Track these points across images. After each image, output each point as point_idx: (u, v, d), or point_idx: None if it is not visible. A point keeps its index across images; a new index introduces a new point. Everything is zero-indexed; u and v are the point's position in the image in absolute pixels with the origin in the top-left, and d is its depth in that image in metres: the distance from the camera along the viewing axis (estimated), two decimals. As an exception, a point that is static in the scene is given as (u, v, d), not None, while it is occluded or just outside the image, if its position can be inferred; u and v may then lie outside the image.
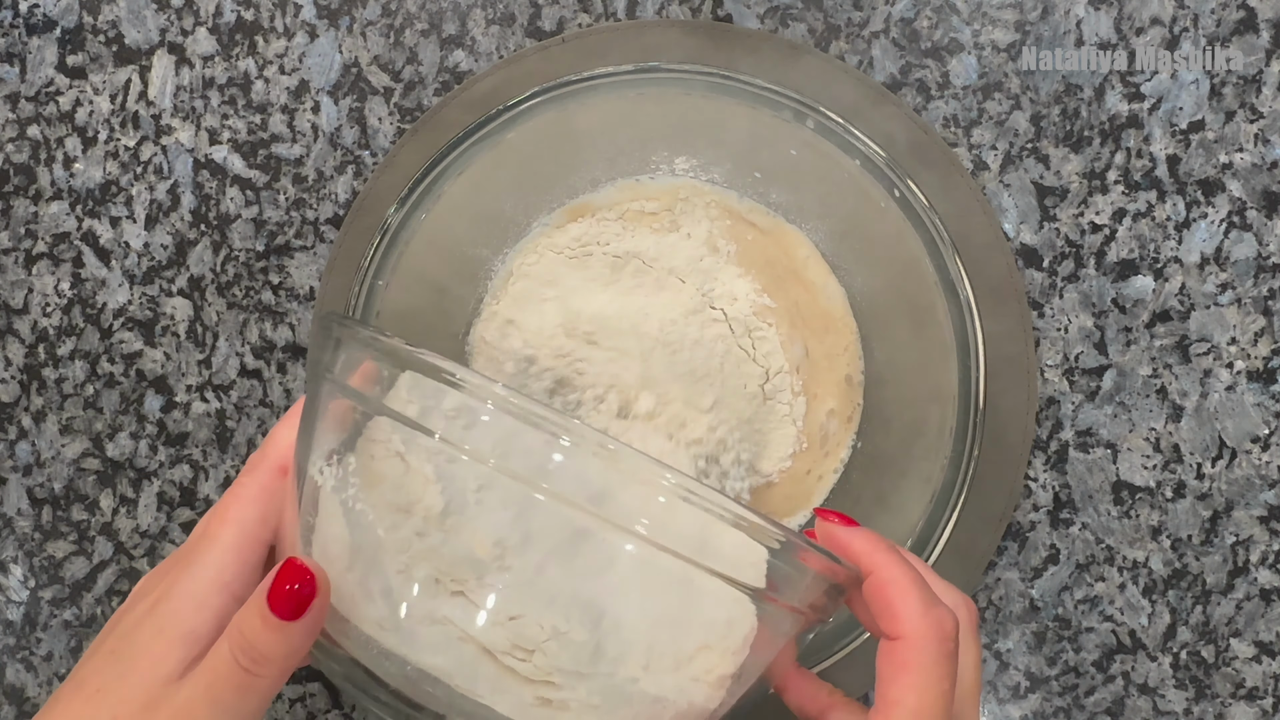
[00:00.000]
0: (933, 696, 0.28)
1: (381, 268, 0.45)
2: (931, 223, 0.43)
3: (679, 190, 0.49)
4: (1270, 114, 0.48)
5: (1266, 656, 0.49)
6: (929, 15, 0.49)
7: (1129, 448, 0.49)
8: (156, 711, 0.29)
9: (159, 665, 0.29)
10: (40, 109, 0.53)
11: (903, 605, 0.29)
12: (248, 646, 0.29)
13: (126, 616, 0.32)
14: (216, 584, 0.31)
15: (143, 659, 0.30)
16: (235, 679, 0.29)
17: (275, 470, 0.33)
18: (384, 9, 0.51)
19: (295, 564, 0.29)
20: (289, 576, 0.28)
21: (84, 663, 0.31)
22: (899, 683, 0.28)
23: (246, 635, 0.29)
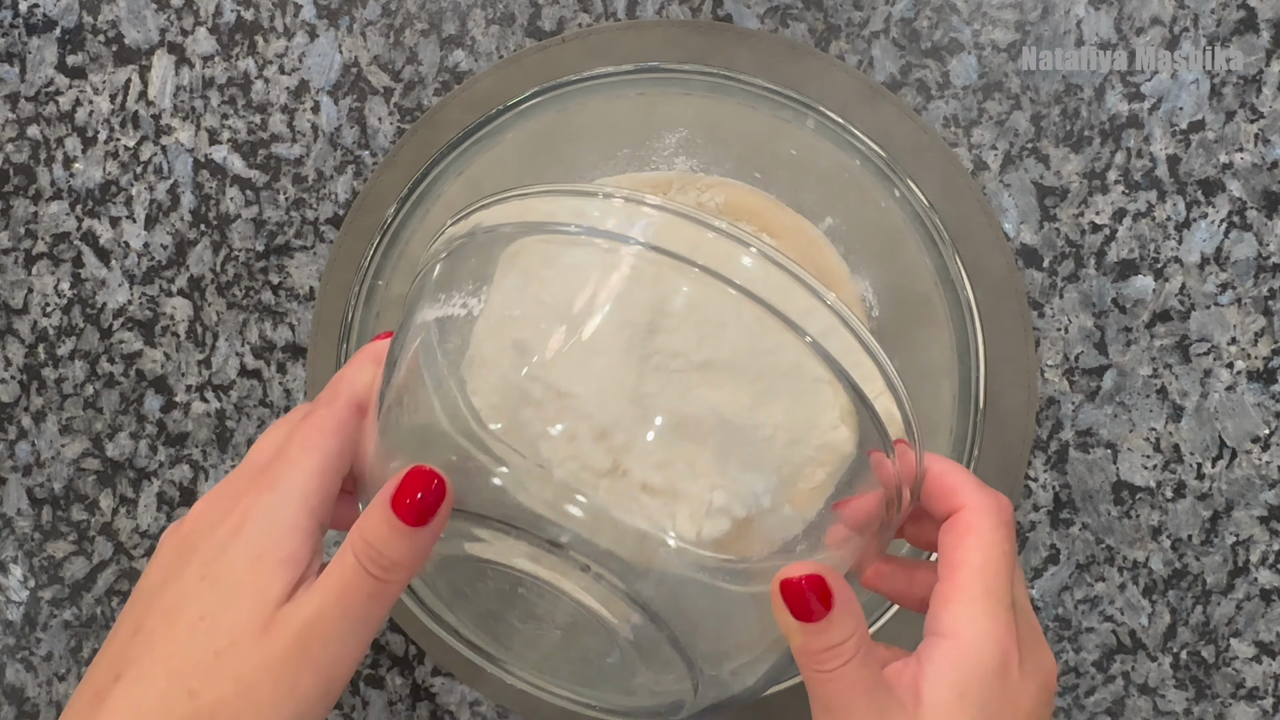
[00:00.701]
0: (997, 555, 0.29)
1: (381, 268, 0.45)
2: (931, 223, 0.43)
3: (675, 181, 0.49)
4: (1270, 114, 0.48)
5: (1266, 656, 0.49)
6: (929, 15, 0.49)
7: (1129, 448, 0.49)
8: (279, 631, 0.28)
9: (267, 589, 0.29)
10: (40, 109, 0.53)
11: (962, 485, 0.30)
12: (376, 555, 0.29)
13: (206, 541, 0.30)
14: (305, 508, 0.30)
15: (248, 584, 0.29)
16: (366, 587, 0.29)
17: (352, 407, 0.33)
18: (384, 9, 0.51)
19: (422, 470, 0.29)
20: (416, 484, 0.28)
21: (161, 593, 0.30)
22: (964, 544, 0.29)
23: (374, 544, 0.29)
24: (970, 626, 0.29)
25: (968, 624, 0.29)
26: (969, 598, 0.29)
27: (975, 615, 0.29)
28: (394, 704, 0.53)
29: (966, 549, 0.30)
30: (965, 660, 0.29)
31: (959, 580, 0.30)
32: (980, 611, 0.29)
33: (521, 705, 0.51)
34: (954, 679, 0.29)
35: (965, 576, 0.30)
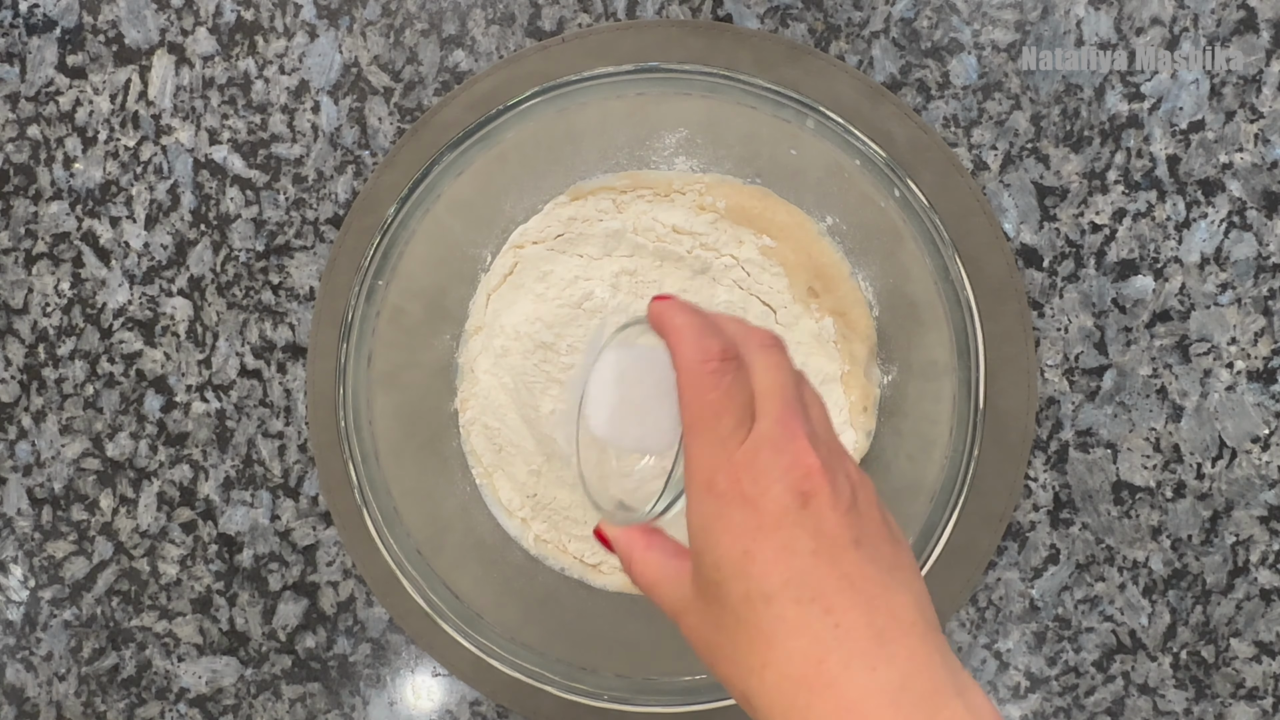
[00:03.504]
0: (696, 409, 0.32)
1: (381, 268, 0.45)
2: (931, 223, 0.43)
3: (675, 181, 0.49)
4: (1270, 114, 0.48)
5: (1266, 656, 0.49)
6: (929, 15, 0.49)
7: (1129, 448, 0.49)
8: None
9: None
10: (40, 109, 0.53)
11: (675, 343, 0.33)
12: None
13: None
14: None
15: None
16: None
17: None
18: (384, 9, 0.51)
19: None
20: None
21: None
22: (680, 408, 0.32)
23: None
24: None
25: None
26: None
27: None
28: (394, 704, 0.53)
29: (682, 412, 0.33)
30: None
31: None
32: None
33: (521, 705, 0.51)
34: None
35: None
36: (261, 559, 0.53)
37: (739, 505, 0.31)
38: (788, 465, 0.31)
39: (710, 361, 0.32)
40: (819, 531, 0.30)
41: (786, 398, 0.32)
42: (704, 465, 0.32)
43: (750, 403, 0.32)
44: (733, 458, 0.31)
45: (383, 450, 0.46)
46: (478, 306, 0.50)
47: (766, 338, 0.34)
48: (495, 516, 0.50)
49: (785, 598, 0.30)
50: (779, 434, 0.31)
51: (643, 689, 0.44)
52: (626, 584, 0.50)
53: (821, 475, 0.31)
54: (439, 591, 0.45)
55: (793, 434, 0.31)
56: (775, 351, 0.34)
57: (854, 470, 0.33)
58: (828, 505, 0.30)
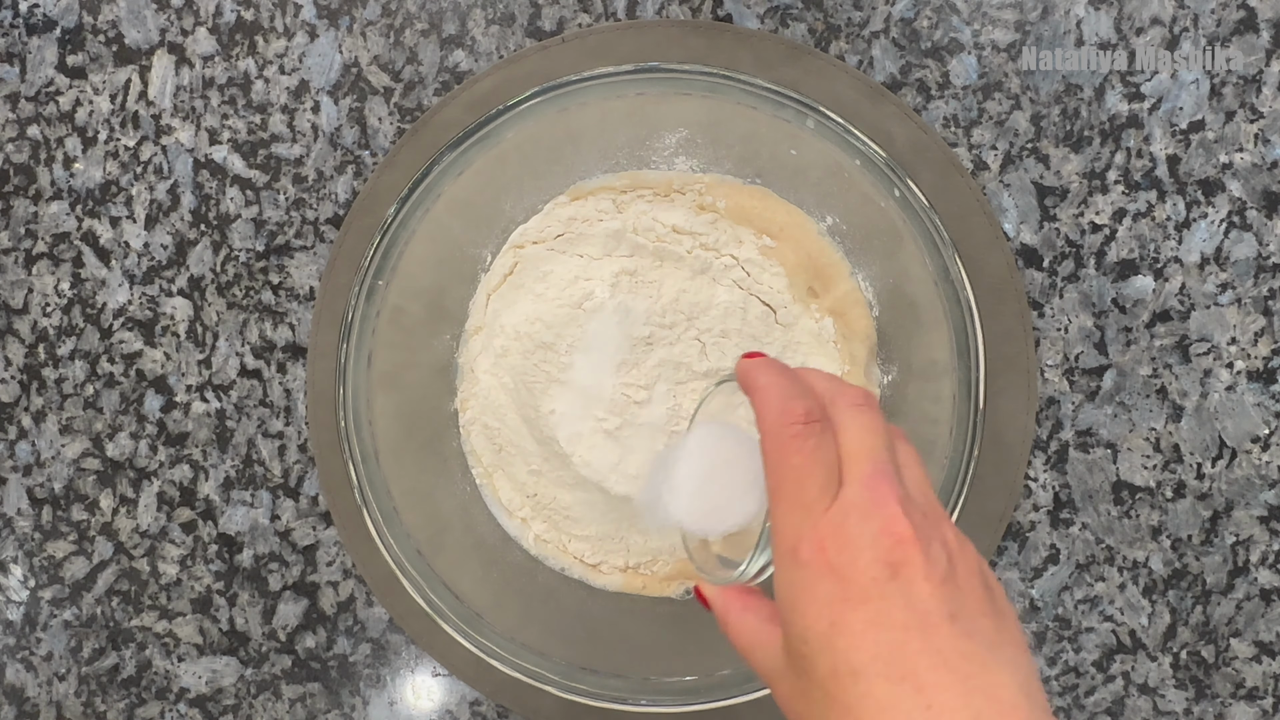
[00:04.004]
0: (779, 473, 0.31)
1: (381, 268, 0.45)
2: (931, 223, 0.43)
3: (675, 181, 0.49)
4: (1270, 114, 0.48)
5: (1266, 656, 0.49)
6: (929, 15, 0.49)
7: (1129, 448, 0.49)
8: None
9: None
10: (40, 109, 0.53)
11: (760, 403, 0.32)
12: None
13: None
14: None
15: None
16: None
17: None
18: (384, 9, 0.51)
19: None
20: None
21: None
22: (765, 472, 0.32)
23: None
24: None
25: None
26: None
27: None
28: (394, 704, 0.53)
29: (767, 476, 0.32)
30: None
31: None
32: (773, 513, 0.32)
33: (521, 705, 0.51)
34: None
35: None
36: (261, 559, 0.53)
37: (825, 575, 0.29)
38: (876, 532, 0.29)
39: (794, 424, 0.31)
40: (910, 604, 0.28)
41: (876, 460, 0.31)
42: (788, 532, 0.30)
43: (837, 466, 0.31)
44: (818, 525, 0.30)
45: (383, 450, 0.46)
46: (478, 306, 0.50)
47: (857, 396, 0.33)
48: (495, 516, 0.50)
49: (873, 674, 0.28)
50: (867, 499, 0.30)
51: (643, 689, 0.44)
52: (626, 584, 0.50)
53: (913, 543, 0.29)
54: (439, 591, 0.45)
55: (882, 499, 0.30)
56: (865, 411, 0.32)
57: (953, 537, 0.31)
58: (920, 575, 0.29)
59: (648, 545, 0.49)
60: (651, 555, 0.49)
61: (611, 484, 0.47)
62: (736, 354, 0.47)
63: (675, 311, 0.47)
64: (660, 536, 0.49)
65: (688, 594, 0.49)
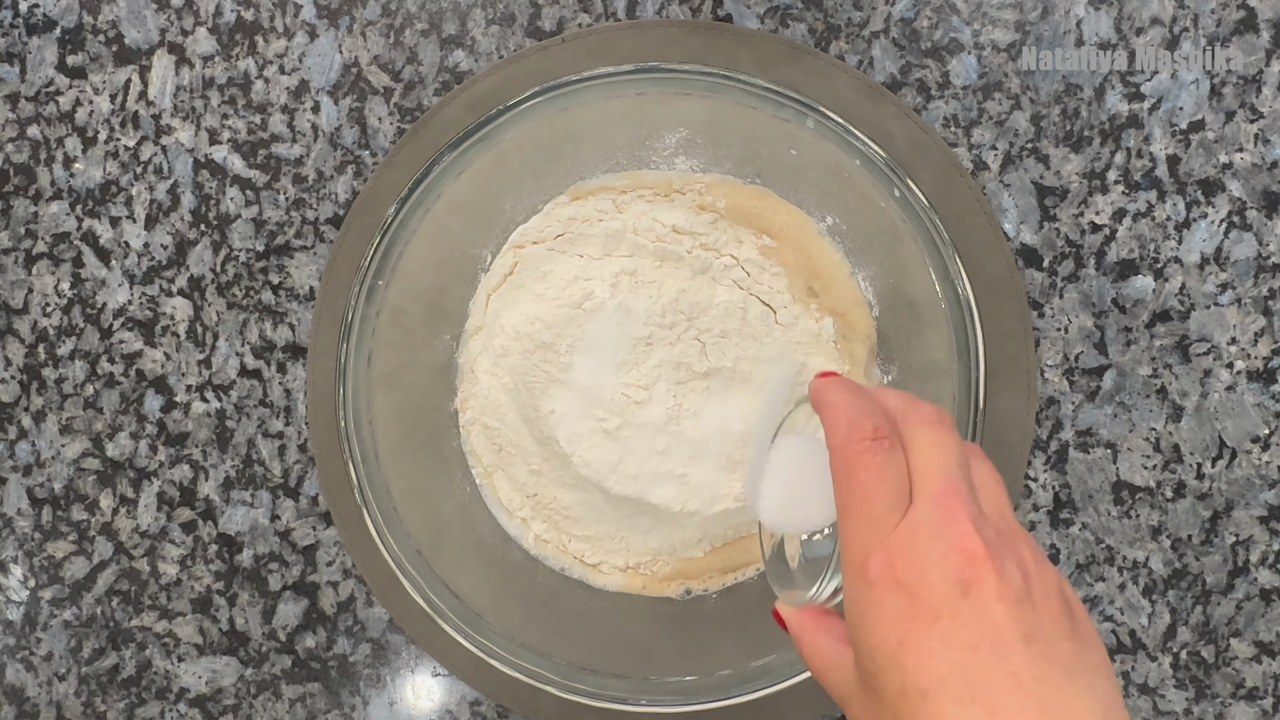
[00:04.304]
0: (848, 490, 0.31)
1: (381, 268, 0.45)
2: (931, 223, 0.43)
3: (675, 181, 0.49)
4: (1270, 114, 0.48)
5: (1266, 656, 0.49)
6: (929, 15, 0.49)
7: (1129, 448, 0.49)
8: None
9: None
10: (40, 109, 0.53)
11: (829, 421, 0.32)
12: None
13: None
14: None
15: None
16: None
17: None
18: (384, 9, 0.51)
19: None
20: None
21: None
22: (834, 488, 0.32)
23: None
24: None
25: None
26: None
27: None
28: (394, 704, 0.53)
29: (836, 494, 0.32)
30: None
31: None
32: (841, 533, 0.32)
33: (521, 705, 0.51)
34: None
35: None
36: (261, 559, 0.53)
37: (893, 592, 0.29)
38: (946, 550, 0.28)
39: (863, 440, 0.31)
40: (982, 624, 0.28)
41: (948, 476, 0.30)
42: (857, 549, 0.30)
43: (908, 484, 0.30)
44: (886, 541, 0.29)
45: (383, 450, 0.46)
46: (478, 306, 0.50)
47: (929, 413, 0.32)
48: (495, 516, 0.50)
49: (943, 696, 0.27)
50: (937, 516, 0.29)
51: (643, 689, 0.44)
52: (627, 584, 0.50)
53: (986, 561, 0.28)
54: (439, 591, 0.45)
55: (952, 516, 0.29)
56: (938, 428, 0.32)
57: (1031, 556, 0.30)
58: (993, 595, 0.28)
59: (647, 545, 0.49)
60: (651, 555, 0.49)
61: (611, 484, 0.47)
62: (736, 354, 0.47)
63: (675, 311, 0.47)
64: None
65: (688, 594, 0.49)
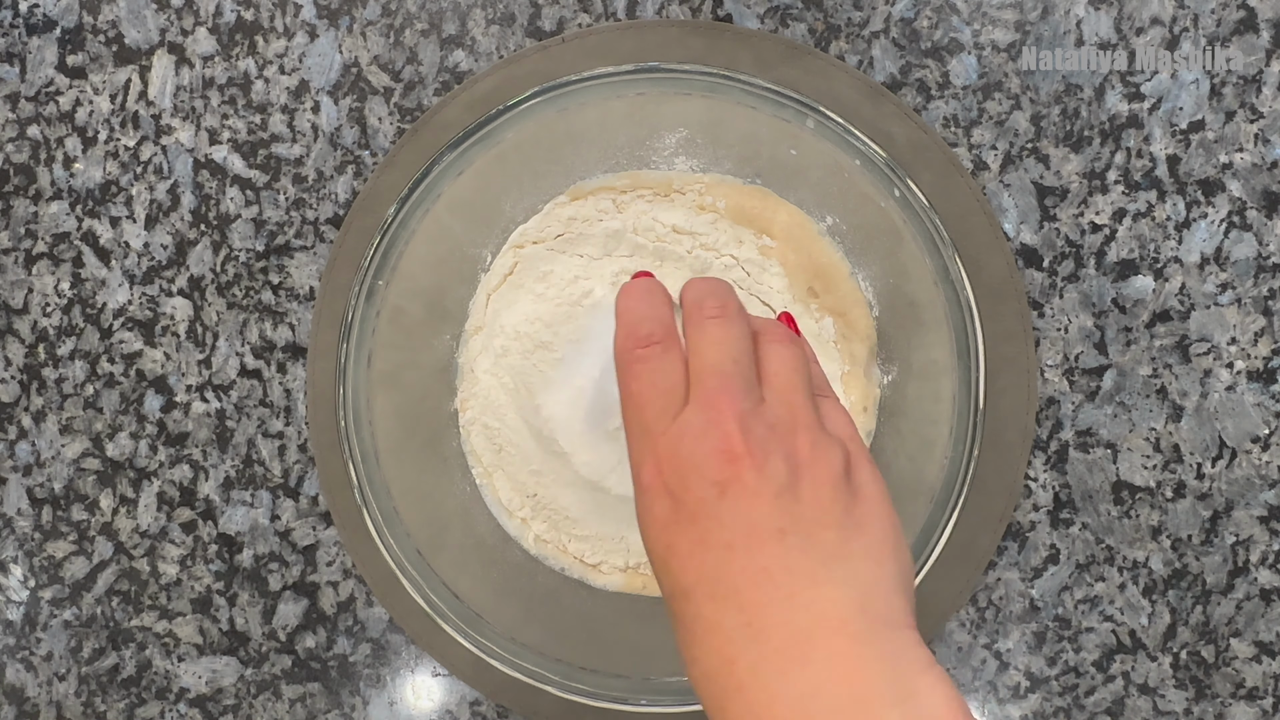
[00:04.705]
0: (624, 399, 0.31)
1: (381, 268, 0.45)
2: (931, 223, 0.43)
3: (675, 181, 0.49)
4: (1270, 114, 0.48)
5: (1266, 656, 0.49)
6: (929, 15, 0.49)
7: (1129, 448, 0.49)
8: None
9: None
10: (40, 109, 0.53)
11: (615, 330, 0.33)
12: None
13: None
14: None
15: None
16: None
17: None
18: (384, 9, 0.51)
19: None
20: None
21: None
22: None
23: None
24: None
25: None
26: None
27: None
28: (394, 704, 0.53)
29: None
30: None
31: None
32: None
33: (521, 705, 0.51)
34: None
35: None
36: (261, 559, 0.53)
37: (662, 498, 0.29)
38: (708, 452, 0.28)
39: (634, 349, 0.30)
40: (737, 522, 0.28)
41: (721, 375, 0.30)
42: (634, 457, 0.30)
43: (681, 388, 0.30)
44: (656, 448, 0.29)
45: (383, 450, 0.46)
46: (478, 306, 0.50)
47: (711, 308, 0.32)
48: (495, 516, 0.50)
49: (700, 594, 0.28)
50: (703, 418, 0.29)
51: (643, 689, 0.44)
52: (627, 584, 0.50)
53: (744, 459, 0.28)
54: (439, 591, 0.45)
55: (718, 417, 0.29)
56: (717, 324, 0.31)
57: (808, 446, 0.29)
58: (749, 492, 0.28)
59: (648, 545, 0.49)
60: (651, 555, 0.49)
61: (611, 484, 0.47)
62: None
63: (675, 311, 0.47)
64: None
65: None
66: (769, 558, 0.27)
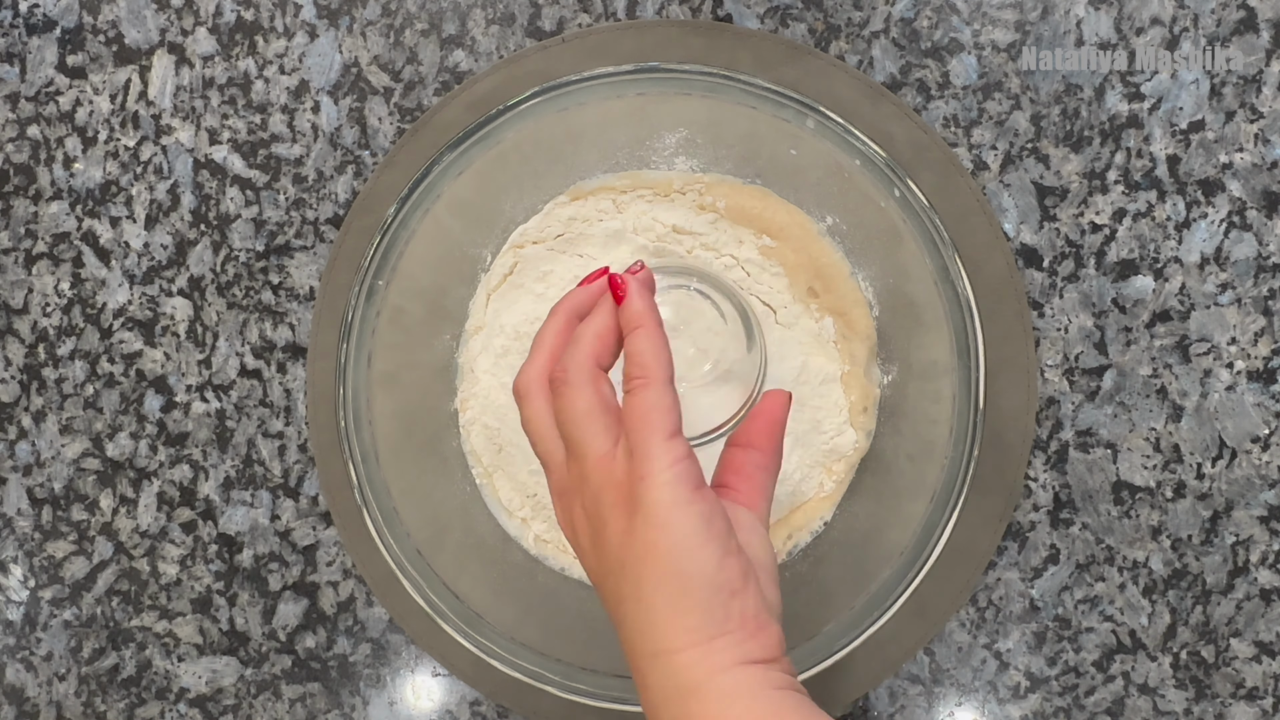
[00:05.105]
0: None
1: (381, 268, 0.45)
2: (931, 223, 0.43)
3: (675, 181, 0.49)
4: (1270, 114, 0.48)
5: (1266, 656, 0.49)
6: (929, 15, 0.49)
7: (1129, 448, 0.49)
8: None
9: None
10: (40, 109, 0.53)
11: None
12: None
13: None
14: None
15: None
16: None
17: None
18: (384, 9, 0.51)
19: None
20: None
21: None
22: None
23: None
24: None
25: None
26: None
27: None
28: (394, 704, 0.53)
29: None
30: None
31: None
32: None
33: (521, 705, 0.51)
34: None
35: None
36: (261, 559, 0.53)
37: None
38: None
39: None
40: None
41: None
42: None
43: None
44: None
45: (383, 450, 0.46)
46: (478, 306, 0.50)
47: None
48: (495, 516, 0.50)
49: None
50: None
51: (643, 689, 0.44)
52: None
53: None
54: (439, 591, 0.45)
55: None
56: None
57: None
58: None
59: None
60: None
61: (611, 484, 0.47)
62: (734, 355, 0.47)
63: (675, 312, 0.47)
64: None
65: None
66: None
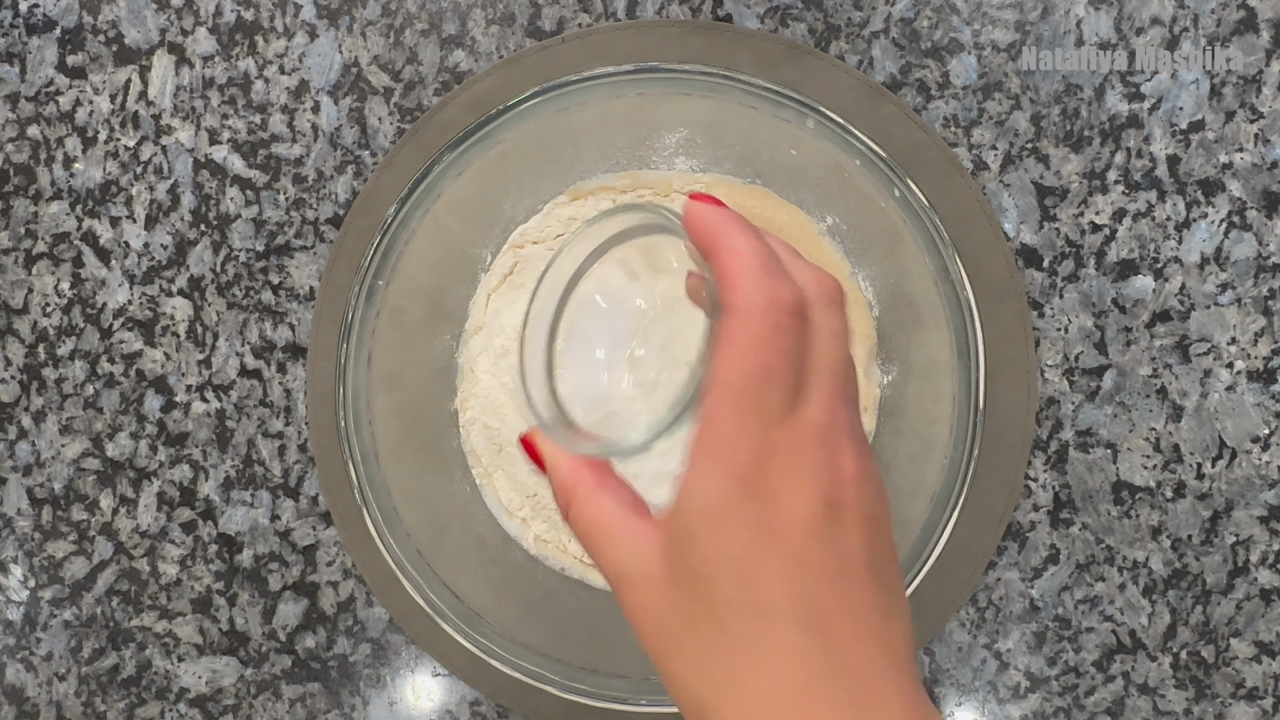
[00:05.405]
0: (744, 369, 0.26)
1: (381, 268, 0.45)
2: (931, 223, 0.43)
3: (675, 181, 0.49)
4: (1270, 114, 0.48)
5: (1266, 656, 0.49)
6: (929, 15, 0.49)
7: (1129, 448, 0.49)
8: None
9: None
10: (40, 109, 0.53)
11: (733, 273, 0.26)
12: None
13: None
14: None
15: None
16: None
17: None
18: (384, 9, 0.51)
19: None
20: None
21: None
22: (719, 356, 0.26)
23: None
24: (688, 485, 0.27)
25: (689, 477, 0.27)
26: (696, 449, 0.26)
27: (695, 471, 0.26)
28: (394, 704, 0.53)
29: (721, 363, 0.26)
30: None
31: (701, 415, 0.27)
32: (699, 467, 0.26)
33: (521, 705, 0.51)
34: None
35: (702, 414, 0.27)
36: (261, 559, 0.53)
37: (759, 498, 0.25)
38: (823, 463, 0.26)
39: (779, 313, 0.26)
40: (838, 549, 0.26)
41: (845, 378, 0.27)
42: (730, 438, 0.26)
43: (803, 374, 0.26)
44: (768, 437, 0.25)
45: (383, 450, 0.46)
46: (478, 306, 0.50)
47: (833, 290, 0.28)
48: (495, 516, 0.50)
49: (787, 618, 0.25)
50: (827, 425, 0.26)
51: (643, 689, 0.44)
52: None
53: (855, 484, 0.26)
54: (439, 591, 0.45)
55: (839, 428, 0.26)
56: (839, 313, 0.28)
57: (875, 479, 0.27)
58: (853, 520, 0.26)
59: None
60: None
61: (611, 484, 0.47)
62: None
63: None
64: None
65: None
66: (861, 591, 0.26)
